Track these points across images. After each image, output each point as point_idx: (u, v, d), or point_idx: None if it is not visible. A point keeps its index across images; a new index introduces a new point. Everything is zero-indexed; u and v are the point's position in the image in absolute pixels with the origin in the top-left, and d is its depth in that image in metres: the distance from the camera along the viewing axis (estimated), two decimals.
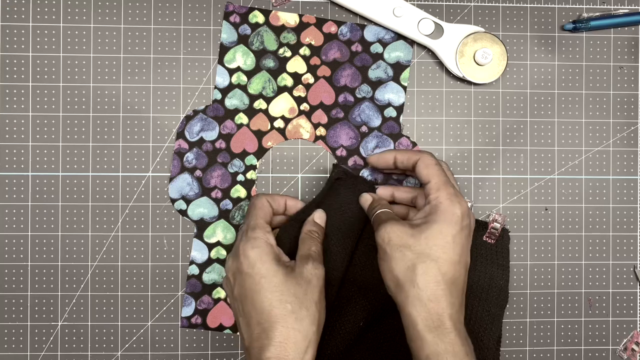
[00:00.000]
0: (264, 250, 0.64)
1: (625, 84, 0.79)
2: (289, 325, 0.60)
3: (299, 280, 0.62)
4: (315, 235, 0.68)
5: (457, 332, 0.60)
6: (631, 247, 0.79)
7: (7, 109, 0.76)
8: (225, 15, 0.76)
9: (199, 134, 0.76)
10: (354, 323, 0.69)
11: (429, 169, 0.66)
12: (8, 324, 0.76)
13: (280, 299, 0.61)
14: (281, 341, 0.60)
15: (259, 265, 0.63)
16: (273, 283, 0.62)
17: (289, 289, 0.62)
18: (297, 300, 0.61)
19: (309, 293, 0.62)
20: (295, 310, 0.61)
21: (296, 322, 0.60)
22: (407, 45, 0.78)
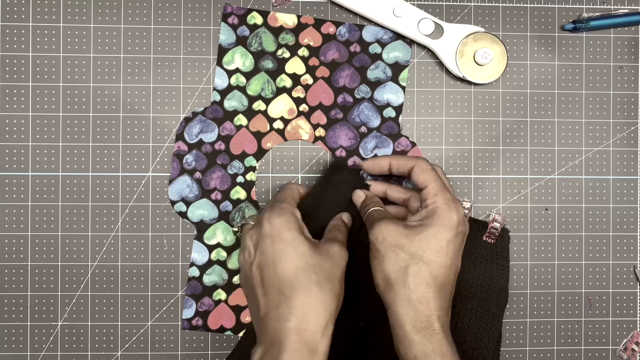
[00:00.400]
0: (289, 219, 0.63)
1: (625, 84, 0.79)
2: (312, 295, 0.60)
3: (324, 257, 0.62)
4: (342, 228, 0.69)
5: (445, 334, 0.60)
6: (631, 247, 0.79)
7: (7, 109, 0.76)
8: (224, 17, 0.76)
9: (198, 136, 0.76)
10: (354, 323, 0.69)
11: (425, 174, 0.66)
12: (8, 324, 0.76)
13: (306, 268, 0.61)
14: (303, 311, 0.59)
15: (286, 232, 0.62)
16: (299, 251, 0.62)
17: (315, 260, 0.62)
18: (323, 272, 0.61)
19: (334, 269, 0.62)
20: (320, 281, 0.61)
21: (320, 293, 0.60)
22: (406, 46, 0.78)
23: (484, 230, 0.75)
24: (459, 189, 0.78)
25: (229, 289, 0.77)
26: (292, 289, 0.60)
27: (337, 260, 0.63)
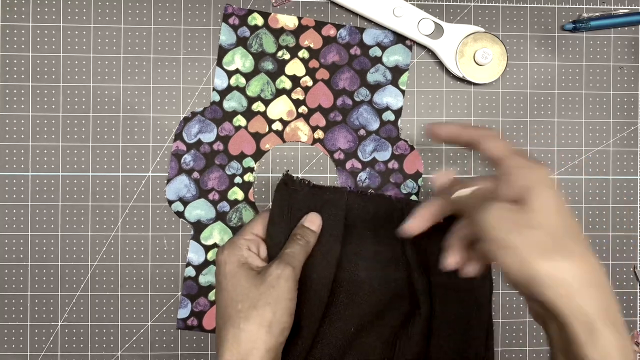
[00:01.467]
0: (231, 252, 0.64)
1: (625, 84, 0.79)
2: (236, 325, 0.60)
3: (258, 282, 0.61)
4: (297, 237, 0.66)
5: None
6: (631, 247, 0.79)
7: (7, 109, 0.76)
8: (224, 17, 0.76)
9: (196, 136, 0.76)
10: (345, 330, 0.68)
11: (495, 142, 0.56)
12: (8, 324, 0.76)
13: (233, 298, 0.61)
14: (231, 342, 0.59)
15: (224, 266, 0.63)
16: (231, 283, 0.62)
17: (245, 289, 0.61)
18: (249, 300, 0.60)
19: (264, 294, 0.60)
20: (243, 309, 0.60)
21: (243, 322, 0.59)
22: (406, 49, 0.77)
23: None
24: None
25: None
26: (222, 320, 0.61)
27: (272, 282, 0.61)
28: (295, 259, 0.63)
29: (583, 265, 0.48)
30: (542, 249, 0.48)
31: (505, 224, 0.49)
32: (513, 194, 0.51)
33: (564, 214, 0.50)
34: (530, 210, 0.49)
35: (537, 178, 0.51)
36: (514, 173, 0.52)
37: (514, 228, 0.49)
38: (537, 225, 0.49)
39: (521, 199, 0.50)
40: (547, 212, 0.49)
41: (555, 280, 0.47)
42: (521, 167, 0.52)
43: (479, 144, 0.57)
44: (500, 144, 0.55)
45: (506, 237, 0.49)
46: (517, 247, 0.48)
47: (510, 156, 0.54)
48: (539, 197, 0.50)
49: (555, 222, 0.49)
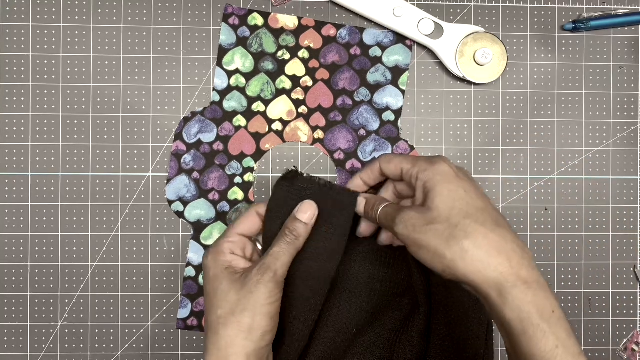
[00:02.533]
0: (214, 257, 0.62)
1: (625, 84, 0.79)
2: (215, 331, 0.59)
3: (238, 286, 0.60)
4: (285, 233, 0.63)
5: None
6: (631, 247, 0.79)
7: (7, 109, 0.76)
8: (224, 17, 0.76)
9: (196, 136, 0.76)
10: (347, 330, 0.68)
11: (393, 161, 0.63)
12: (8, 324, 0.76)
13: (213, 304, 0.60)
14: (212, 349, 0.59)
15: (207, 272, 0.62)
16: (212, 288, 0.61)
17: (224, 294, 0.60)
18: (228, 305, 0.59)
19: (242, 300, 0.59)
20: (222, 315, 0.59)
21: (222, 329, 0.59)
22: (406, 49, 0.77)
23: None
24: None
25: None
26: (206, 327, 0.61)
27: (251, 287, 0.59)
28: (278, 261, 0.61)
29: (486, 238, 0.53)
30: (444, 238, 0.54)
31: (411, 227, 0.56)
32: (422, 197, 0.59)
33: (462, 198, 0.56)
34: (429, 209, 0.56)
35: (433, 176, 0.58)
36: (418, 179, 0.59)
37: (419, 228, 0.55)
38: (436, 219, 0.55)
39: (425, 201, 0.57)
40: (443, 205, 0.55)
41: (463, 261, 0.53)
42: (422, 170, 0.59)
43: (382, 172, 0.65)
44: (398, 159, 0.63)
45: (415, 238, 0.55)
46: (426, 243, 0.55)
47: (410, 165, 0.61)
48: (436, 194, 0.56)
49: (450, 212, 0.55)
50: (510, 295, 0.51)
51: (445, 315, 0.67)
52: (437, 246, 0.54)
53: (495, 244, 0.53)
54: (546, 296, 0.52)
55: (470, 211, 0.55)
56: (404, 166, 0.61)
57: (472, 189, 0.58)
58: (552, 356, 0.51)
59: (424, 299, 0.67)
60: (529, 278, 0.52)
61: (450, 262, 0.53)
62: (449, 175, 0.58)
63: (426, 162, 0.59)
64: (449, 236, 0.54)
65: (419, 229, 0.55)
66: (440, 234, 0.54)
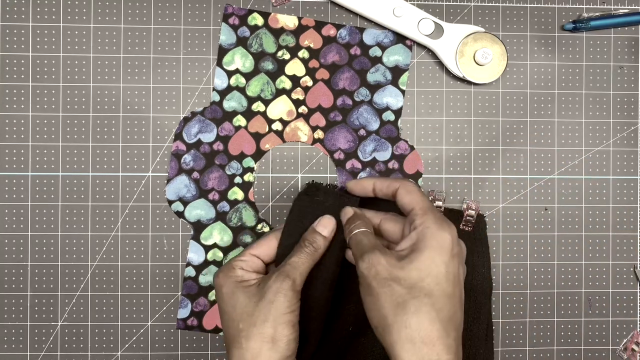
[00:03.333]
0: (227, 274, 0.62)
1: (625, 84, 0.79)
2: (239, 345, 0.59)
3: (257, 298, 0.60)
4: (305, 244, 0.64)
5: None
6: (631, 247, 0.79)
7: (7, 109, 0.76)
8: (224, 17, 0.76)
9: (196, 136, 0.76)
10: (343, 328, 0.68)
11: (412, 195, 0.62)
12: (8, 324, 0.76)
13: (234, 319, 0.60)
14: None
15: (220, 290, 0.62)
16: (230, 304, 0.61)
17: (243, 307, 0.60)
18: (249, 318, 0.59)
19: (262, 310, 0.59)
20: (245, 328, 0.59)
21: (245, 341, 0.58)
22: (406, 49, 0.77)
23: (460, 219, 0.75)
24: (459, 189, 0.78)
25: None
26: (227, 342, 0.61)
27: (269, 297, 0.59)
28: (296, 270, 0.61)
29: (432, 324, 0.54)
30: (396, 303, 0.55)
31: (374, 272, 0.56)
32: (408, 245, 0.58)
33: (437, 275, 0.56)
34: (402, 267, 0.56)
35: (431, 239, 0.57)
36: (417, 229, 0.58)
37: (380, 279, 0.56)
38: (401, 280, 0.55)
39: (411, 252, 0.57)
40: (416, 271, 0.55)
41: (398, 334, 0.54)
42: (425, 227, 0.58)
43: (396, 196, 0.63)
44: (417, 198, 0.61)
45: (372, 284, 0.56)
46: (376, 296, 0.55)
47: (421, 212, 0.59)
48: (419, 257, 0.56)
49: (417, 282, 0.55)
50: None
51: None
52: (384, 305, 0.55)
53: (437, 333, 0.54)
54: None
55: (436, 293, 0.55)
56: (416, 207, 0.60)
57: (454, 271, 0.57)
58: None
59: None
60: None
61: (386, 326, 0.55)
62: (444, 248, 0.57)
63: (435, 222, 0.58)
64: (401, 303, 0.55)
65: (380, 279, 0.56)
66: (395, 296, 0.55)
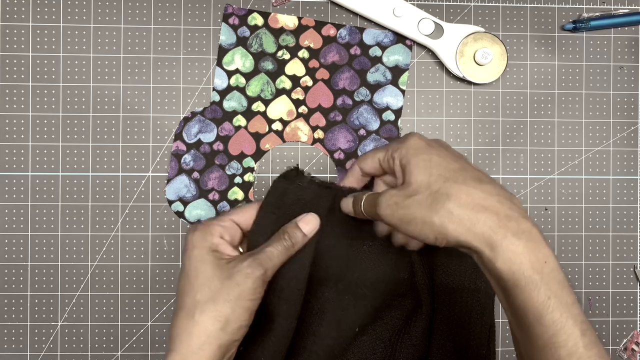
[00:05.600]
0: (202, 236, 0.60)
1: (625, 84, 0.79)
2: (190, 315, 0.57)
3: (224, 275, 0.58)
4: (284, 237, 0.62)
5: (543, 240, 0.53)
6: (631, 247, 0.79)
7: (7, 109, 0.76)
8: (224, 17, 0.76)
9: (196, 136, 0.76)
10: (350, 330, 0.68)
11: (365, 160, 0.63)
12: (8, 324, 0.76)
13: (193, 286, 0.58)
14: (184, 334, 0.57)
15: (191, 250, 0.60)
16: (194, 268, 0.59)
17: (207, 279, 0.58)
18: (210, 292, 0.57)
19: (225, 289, 0.57)
20: (201, 301, 0.57)
21: (198, 314, 0.57)
22: (406, 49, 0.77)
23: None
24: None
25: None
26: (178, 307, 0.58)
27: (238, 279, 0.57)
28: (271, 262, 0.60)
29: (469, 196, 0.53)
30: (428, 205, 0.53)
31: (394, 205, 0.56)
32: (402, 176, 0.58)
33: (438, 164, 0.56)
34: (409, 184, 0.56)
35: (407, 152, 0.58)
36: (394, 160, 0.59)
37: (401, 204, 0.55)
38: (417, 190, 0.55)
39: (404, 172, 0.57)
40: (420, 175, 0.55)
41: (451, 223, 0.52)
42: (394, 150, 0.59)
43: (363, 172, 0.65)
44: (369, 155, 0.63)
45: (400, 214, 0.55)
46: (412, 216, 0.54)
47: (384, 152, 0.61)
48: (412, 167, 0.56)
49: (429, 179, 0.55)
50: (501, 247, 0.51)
51: (447, 316, 0.67)
52: (423, 216, 0.53)
53: (480, 199, 0.53)
54: (537, 247, 0.51)
55: (448, 174, 0.55)
56: (379, 156, 0.62)
57: (447, 153, 0.57)
58: (545, 307, 0.50)
59: (427, 299, 0.67)
60: (518, 229, 0.51)
61: (440, 227, 0.53)
62: (420, 146, 0.58)
63: (397, 142, 0.60)
64: (432, 202, 0.53)
65: (401, 204, 0.55)
66: (423, 202, 0.54)
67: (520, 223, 0.52)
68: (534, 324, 0.50)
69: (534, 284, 0.50)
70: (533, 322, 0.50)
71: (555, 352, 0.50)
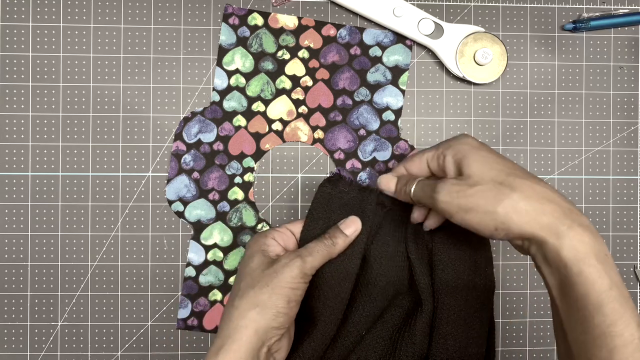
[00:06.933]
0: (257, 239, 0.64)
1: (625, 84, 0.79)
2: (231, 302, 0.60)
3: (265, 266, 0.61)
4: (325, 236, 0.65)
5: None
6: (631, 247, 0.79)
7: (7, 109, 0.76)
8: (225, 17, 0.76)
9: (196, 136, 0.76)
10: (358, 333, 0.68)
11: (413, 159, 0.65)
12: (8, 324, 0.76)
13: (240, 277, 0.62)
14: (225, 319, 0.60)
15: (245, 251, 0.64)
16: (243, 265, 0.62)
17: (251, 270, 0.61)
18: (251, 280, 0.60)
19: (265, 278, 0.60)
20: (243, 288, 0.60)
21: (238, 300, 0.60)
22: (406, 49, 0.78)
23: None
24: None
25: (225, 290, 0.77)
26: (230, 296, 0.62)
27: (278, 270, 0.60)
28: (310, 254, 0.62)
29: (533, 189, 0.55)
30: (492, 196, 0.56)
31: (455, 193, 0.57)
32: (454, 170, 0.60)
33: (496, 161, 0.58)
34: (468, 176, 0.58)
35: (461, 147, 0.60)
36: (446, 157, 0.61)
37: (463, 192, 0.57)
38: (479, 181, 0.57)
39: (460, 171, 0.59)
40: (481, 169, 0.57)
41: (516, 214, 0.55)
42: (446, 148, 0.61)
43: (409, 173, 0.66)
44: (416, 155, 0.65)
45: (461, 202, 0.57)
46: (474, 205, 0.56)
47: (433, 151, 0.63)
48: (470, 161, 0.58)
49: (490, 172, 0.57)
50: (567, 237, 0.53)
51: (448, 314, 0.67)
52: (486, 205, 0.56)
53: (543, 193, 0.55)
54: (599, 241, 0.54)
55: (509, 170, 0.57)
56: (428, 155, 0.63)
57: (501, 157, 0.60)
58: (607, 297, 0.52)
59: (427, 298, 0.67)
60: (582, 221, 0.54)
61: (503, 217, 0.55)
62: (476, 145, 0.60)
63: (449, 141, 0.62)
64: (496, 193, 0.56)
65: (463, 193, 0.57)
66: (487, 193, 0.56)
67: (581, 217, 0.55)
68: (593, 313, 0.52)
69: (598, 273, 0.52)
70: (592, 311, 0.52)
71: (612, 341, 0.51)
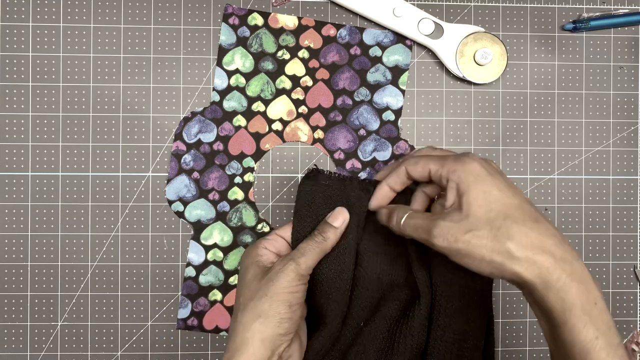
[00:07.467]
0: (249, 252, 0.65)
1: (625, 84, 0.79)
2: (235, 317, 0.61)
3: (261, 276, 0.62)
4: (315, 233, 0.65)
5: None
6: (631, 247, 0.79)
7: (7, 109, 0.76)
8: (224, 17, 0.76)
9: (196, 136, 0.76)
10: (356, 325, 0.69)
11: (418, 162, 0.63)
12: (8, 324, 0.76)
13: (239, 293, 0.63)
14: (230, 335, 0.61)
15: (241, 264, 0.64)
16: (240, 279, 0.64)
17: (249, 283, 0.62)
18: (249, 292, 0.61)
19: (262, 287, 0.61)
20: (243, 302, 0.61)
21: (240, 314, 0.60)
22: (406, 49, 0.77)
23: None
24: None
25: (225, 290, 0.77)
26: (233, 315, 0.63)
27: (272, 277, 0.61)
28: (302, 255, 0.62)
29: (528, 237, 0.55)
30: (485, 248, 0.55)
31: (452, 238, 0.56)
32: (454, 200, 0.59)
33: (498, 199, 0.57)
34: (467, 216, 0.57)
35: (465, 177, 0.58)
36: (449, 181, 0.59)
37: (460, 238, 0.56)
38: (477, 226, 0.56)
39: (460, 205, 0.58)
40: (480, 209, 0.56)
41: (510, 262, 0.55)
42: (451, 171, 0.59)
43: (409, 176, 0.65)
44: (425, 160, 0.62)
45: (458, 248, 0.56)
46: (470, 252, 0.56)
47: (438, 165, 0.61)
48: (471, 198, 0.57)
49: (489, 214, 0.56)
50: (555, 288, 0.54)
51: (446, 306, 0.67)
52: (483, 253, 0.55)
53: (538, 242, 0.55)
54: (589, 289, 0.54)
55: (509, 211, 0.56)
56: (432, 167, 0.61)
57: (505, 186, 0.58)
58: (592, 346, 0.53)
59: (425, 290, 0.67)
60: (572, 271, 0.54)
61: (499, 265, 0.55)
62: (480, 174, 0.58)
63: (455, 161, 0.60)
64: (492, 241, 0.55)
65: (460, 238, 0.56)
66: (482, 241, 0.56)
67: (574, 266, 0.55)
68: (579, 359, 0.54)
69: (583, 324, 0.53)
70: (580, 358, 0.54)
71: None
